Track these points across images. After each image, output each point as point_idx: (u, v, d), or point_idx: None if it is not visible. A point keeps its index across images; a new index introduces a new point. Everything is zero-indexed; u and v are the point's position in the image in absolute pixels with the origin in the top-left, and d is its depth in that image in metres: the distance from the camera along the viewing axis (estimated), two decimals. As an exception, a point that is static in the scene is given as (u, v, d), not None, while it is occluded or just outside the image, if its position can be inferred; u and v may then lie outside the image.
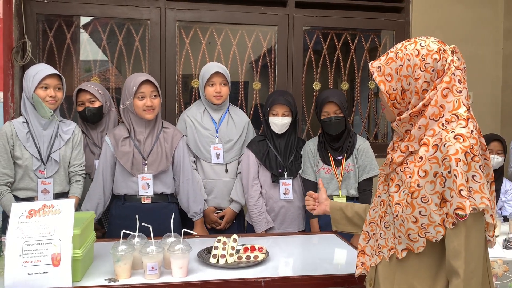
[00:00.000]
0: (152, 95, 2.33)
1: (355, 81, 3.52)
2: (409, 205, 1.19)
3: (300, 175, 2.59)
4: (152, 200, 2.36)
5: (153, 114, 2.34)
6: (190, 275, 1.71)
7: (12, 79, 2.84)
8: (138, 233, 1.78)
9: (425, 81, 1.21)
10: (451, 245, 1.13)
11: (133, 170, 2.33)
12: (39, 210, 1.61)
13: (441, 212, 1.14)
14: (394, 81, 1.24)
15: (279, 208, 2.58)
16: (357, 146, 2.51)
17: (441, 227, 1.14)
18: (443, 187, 1.13)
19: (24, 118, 2.26)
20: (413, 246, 1.20)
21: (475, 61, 3.49)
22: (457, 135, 1.13)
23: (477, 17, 3.53)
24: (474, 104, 3.62)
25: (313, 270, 1.80)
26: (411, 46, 1.24)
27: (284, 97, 2.53)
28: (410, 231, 1.19)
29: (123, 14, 3.09)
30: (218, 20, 3.24)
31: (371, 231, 1.40)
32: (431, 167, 1.15)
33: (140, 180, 2.32)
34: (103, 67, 3.29)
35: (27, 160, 2.21)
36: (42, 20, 3.03)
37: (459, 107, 1.19)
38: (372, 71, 1.29)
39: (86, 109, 2.46)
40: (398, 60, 1.23)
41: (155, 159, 2.35)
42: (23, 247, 1.56)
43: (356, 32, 3.47)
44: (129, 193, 2.35)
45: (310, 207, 1.75)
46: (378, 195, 1.39)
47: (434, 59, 1.20)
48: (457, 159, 1.10)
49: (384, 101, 1.30)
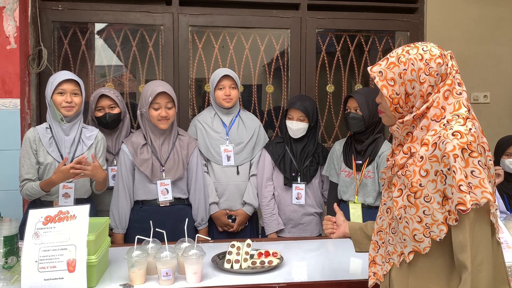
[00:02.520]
0: (167, 106, 2.34)
1: (369, 83, 3.48)
2: (412, 205, 1.19)
3: (323, 173, 2.57)
4: (170, 203, 2.38)
5: (167, 124, 2.36)
6: (204, 280, 1.71)
7: (28, 86, 2.88)
8: (152, 239, 1.79)
9: (430, 85, 1.22)
10: (456, 240, 1.13)
11: (152, 177, 2.35)
12: (55, 217, 1.63)
13: (443, 210, 1.14)
14: (398, 85, 1.25)
15: (291, 212, 2.56)
16: (379, 153, 2.36)
17: (443, 225, 1.14)
18: (444, 185, 1.13)
19: (48, 123, 2.30)
20: (419, 247, 1.19)
21: (492, 61, 3.43)
22: (455, 132, 1.14)
23: (493, 16, 3.46)
24: (492, 104, 3.58)
25: (328, 275, 1.79)
26: (413, 51, 1.24)
27: (301, 102, 2.51)
28: (415, 232, 1.19)
29: (137, 20, 3.12)
30: (231, 24, 3.24)
31: (380, 240, 1.39)
32: (432, 165, 1.16)
33: (159, 186, 2.35)
34: (117, 73, 3.33)
35: (50, 164, 2.23)
36: (57, 27, 3.07)
37: (460, 108, 1.21)
38: (373, 76, 1.28)
39: (107, 115, 2.48)
40: (401, 65, 1.24)
41: (172, 166, 2.38)
42: (39, 253, 1.58)
43: (369, 34, 3.43)
44: (148, 198, 2.37)
45: (329, 230, 1.68)
46: (384, 202, 1.38)
47: (438, 63, 1.22)
48: (455, 155, 1.11)
49: (384, 106, 1.31)
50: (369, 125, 2.38)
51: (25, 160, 2.23)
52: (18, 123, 2.75)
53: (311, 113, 2.51)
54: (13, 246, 1.79)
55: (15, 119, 2.74)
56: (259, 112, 3.37)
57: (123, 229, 2.38)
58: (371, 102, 2.36)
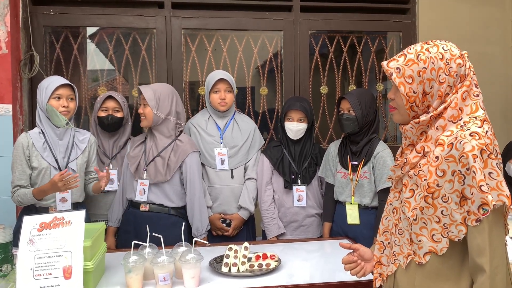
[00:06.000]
0: (143, 103, 2.35)
1: (362, 84, 3.49)
2: (430, 205, 1.18)
3: (319, 175, 2.56)
4: (149, 209, 2.33)
5: (146, 122, 2.38)
6: (202, 284, 1.70)
7: (20, 92, 2.85)
8: (149, 243, 1.78)
9: (448, 85, 1.21)
10: (474, 242, 1.11)
11: (136, 174, 2.36)
12: (50, 223, 1.61)
13: (462, 210, 1.13)
14: (416, 84, 1.22)
15: (292, 214, 2.55)
16: (374, 154, 2.36)
17: (462, 226, 1.13)
18: (463, 185, 1.12)
19: (39, 128, 2.27)
20: (437, 247, 1.18)
21: (483, 60, 3.45)
22: (472, 132, 1.13)
23: (484, 16, 3.50)
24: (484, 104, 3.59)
25: (326, 277, 1.78)
26: (433, 49, 1.22)
27: (300, 103, 2.51)
28: (434, 232, 1.18)
29: (129, 23, 3.10)
30: (224, 26, 3.24)
31: (386, 240, 1.38)
32: (449, 166, 1.15)
33: (138, 185, 2.34)
34: (110, 77, 3.31)
35: (45, 170, 2.21)
36: (49, 32, 3.05)
37: (477, 110, 1.20)
38: (390, 71, 1.24)
39: (110, 117, 2.48)
40: (420, 63, 1.21)
41: (154, 168, 2.34)
42: (35, 260, 1.55)
43: (362, 35, 3.45)
44: (131, 197, 2.39)
45: (354, 271, 1.43)
46: (390, 202, 1.37)
47: (458, 64, 1.21)
48: (474, 156, 1.10)
49: (399, 103, 1.27)
50: (363, 125, 2.39)
51: (17, 166, 2.20)
52: (10, 129, 2.72)
53: (310, 113, 2.52)
54: (7, 254, 1.77)
55: (7, 125, 2.71)
56: (253, 114, 3.36)
57: (113, 222, 2.42)
58: (363, 102, 2.39)
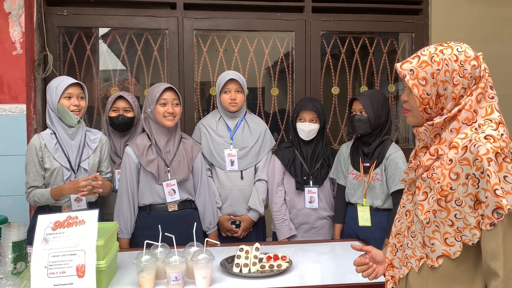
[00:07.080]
0: (173, 103, 2.34)
1: (374, 85, 3.47)
2: (443, 209, 1.16)
3: (330, 176, 2.55)
4: (178, 207, 2.36)
5: (173, 121, 2.34)
6: (213, 284, 1.71)
7: (34, 92, 2.89)
8: (161, 243, 1.78)
9: (463, 87, 1.19)
10: (488, 247, 1.09)
11: (158, 177, 2.33)
12: (64, 222, 1.63)
13: (476, 214, 1.11)
14: (429, 86, 1.21)
15: (304, 216, 2.54)
16: (387, 156, 2.34)
17: (476, 230, 1.12)
18: (477, 188, 1.10)
19: (51, 130, 2.29)
20: (450, 251, 1.17)
21: (498, 61, 3.40)
22: (487, 135, 1.11)
23: (498, 16, 3.45)
24: (499, 106, 3.54)
25: (338, 279, 1.78)
26: (448, 51, 1.20)
27: (312, 103, 2.50)
28: (447, 235, 1.17)
29: (141, 24, 3.12)
30: (235, 27, 3.24)
31: (398, 243, 1.37)
32: (463, 169, 1.13)
33: (165, 187, 2.33)
34: (122, 77, 3.33)
35: (57, 170, 2.24)
36: (62, 32, 3.08)
37: (492, 113, 1.19)
38: (403, 73, 1.23)
39: (120, 117, 2.49)
40: (434, 64, 1.20)
41: (178, 167, 2.36)
42: (49, 258, 1.57)
43: (374, 36, 3.43)
44: (154, 202, 2.34)
45: (366, 273, 1.44)
46: (403, 205, 1.36)
47: (472, 66, 1.19)
48: (488, 159, 1.08)
49: (412, 105, 1.26)
50: (375, 127, 2.37)
51: (31, 167, 2.23)
52: (24, 128, 2.75)
53: (322, 114, 2.51)
54: (21, 252, 1.78)
55: (21, 124, 2.74)
56: (264, 115, 3.36)
57: (128, 234, 2.33)
58: (376, 103, 2.37)
